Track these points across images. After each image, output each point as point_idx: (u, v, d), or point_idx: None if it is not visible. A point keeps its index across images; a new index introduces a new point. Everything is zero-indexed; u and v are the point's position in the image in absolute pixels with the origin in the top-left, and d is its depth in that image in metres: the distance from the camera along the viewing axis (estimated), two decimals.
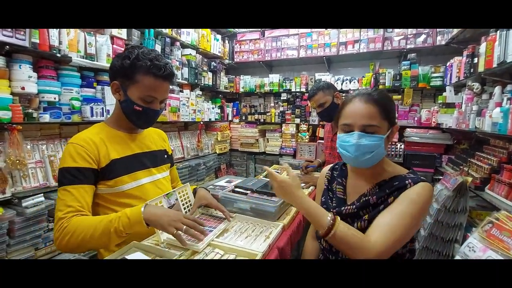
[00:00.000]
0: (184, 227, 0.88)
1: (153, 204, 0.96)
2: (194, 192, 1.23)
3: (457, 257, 1.23)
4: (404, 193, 0.80)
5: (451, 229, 1.65)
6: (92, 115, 1.83)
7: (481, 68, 1.72)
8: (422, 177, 0.82)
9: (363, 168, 0.90)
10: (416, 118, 2.78)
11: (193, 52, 3.00)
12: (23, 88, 1.53)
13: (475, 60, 1.87)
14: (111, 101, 1.98)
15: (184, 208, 1.13)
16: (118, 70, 1.00)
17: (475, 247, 1.15)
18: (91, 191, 0.96)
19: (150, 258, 0.89)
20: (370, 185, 0.88)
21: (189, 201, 1.17)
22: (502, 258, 1.05)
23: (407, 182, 0.81)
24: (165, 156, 1.24)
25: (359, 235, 0.75)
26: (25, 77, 1.54)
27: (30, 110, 1.56)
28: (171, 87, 2.71)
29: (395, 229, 0.74)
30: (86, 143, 0.98)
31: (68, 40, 1.73)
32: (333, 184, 1.00)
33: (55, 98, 1.69)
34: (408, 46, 2.78)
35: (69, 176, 0.92)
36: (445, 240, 1.65)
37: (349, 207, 0.87)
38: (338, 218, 0.78)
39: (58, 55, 1.66)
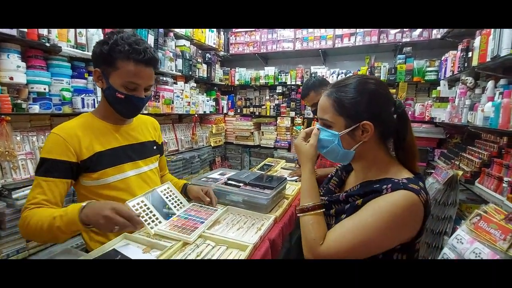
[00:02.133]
0: (117, 228, 0.79)
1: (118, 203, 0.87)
2: (185, 186, 1.26)
3: (446, 249, 1.25)
4: (374, 199, 0.69)
5: (441, 221, 1.68)
6: (83, 106, 1.80)
7: (475, 62, 1.72)
8: (410, 185, 0.68)
9: (355, 165, 0.87)
10: (410, 112, 2.79)
11: (187, 43, 2.95)
12: (11, 78, 1.49)
13: (469, 54, 1.87)
14: None
15: (173, 204, 1.14)
16: (98, 57, 0.97)
17: (463, 239, 1.18)
18: (62, 185, 0.94)
19: (141, 250, 0.89)
20: (357, 183, 0.82)
21: (176, 196, 1.18)
22: (488, 250, 1.07)
23: (384, 187, 0.70)
24: (154, 147, 1.23)
25: (315, 234, 0.72)
26: (14, 67, 1.49)
27: (19, 101, 1.53)
28: (164, 78, 2.67)
29: (350, 239, 0.67)
30: (68, 134, 0.96)
31: (58, 29, 1.69)
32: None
33: (45, 89, 1.65)
34: (404, 40, 2.78)
35: (43, 167, 0.92)
36: (435, 233, 1.68)
37: (323, 197, 0.85)
38: (316, 208, 0.76)
39: (47, 44, 1.62)
